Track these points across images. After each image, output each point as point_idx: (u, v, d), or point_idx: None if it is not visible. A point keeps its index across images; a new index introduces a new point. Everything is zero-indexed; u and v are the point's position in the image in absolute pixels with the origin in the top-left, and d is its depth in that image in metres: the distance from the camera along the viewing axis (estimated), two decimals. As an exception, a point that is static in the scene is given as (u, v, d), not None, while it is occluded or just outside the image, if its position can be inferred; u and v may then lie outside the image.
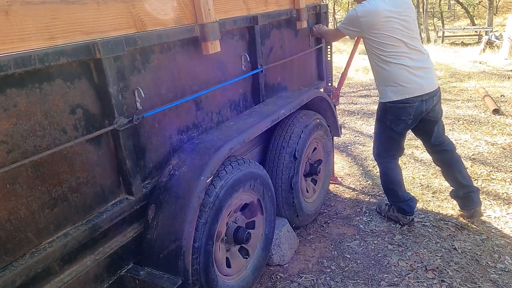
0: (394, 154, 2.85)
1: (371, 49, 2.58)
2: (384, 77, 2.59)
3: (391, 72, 2.53)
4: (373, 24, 2.46)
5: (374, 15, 2.44)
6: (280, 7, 2.69)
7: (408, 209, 2.85)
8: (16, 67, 1.19)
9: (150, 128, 1.76)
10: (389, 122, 2.66)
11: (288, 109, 2.46)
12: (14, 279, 1.25)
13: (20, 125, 1.26)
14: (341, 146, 4.55)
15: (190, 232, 1.68)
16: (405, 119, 2.60)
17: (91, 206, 1.54)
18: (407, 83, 2.51)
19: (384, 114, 2.69)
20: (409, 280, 2.39)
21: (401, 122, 2.62)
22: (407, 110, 2.57)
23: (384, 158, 2.86)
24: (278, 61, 2.71)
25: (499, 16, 24.03)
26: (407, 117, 2.59)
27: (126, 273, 1.71)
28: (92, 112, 1.49)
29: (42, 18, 1.28)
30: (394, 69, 2.51)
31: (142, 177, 1.75)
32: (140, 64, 1.67)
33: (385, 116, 2.67)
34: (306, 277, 2.49)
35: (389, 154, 2.84)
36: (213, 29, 1.92)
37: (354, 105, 6.18)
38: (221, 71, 2.19)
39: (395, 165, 2.88)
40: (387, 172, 2.88)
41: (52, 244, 1.37)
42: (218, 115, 2.23)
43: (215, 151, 1.84)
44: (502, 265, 2.45)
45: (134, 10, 1.59)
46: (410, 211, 2.86)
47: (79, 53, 1.37)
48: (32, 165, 1.31)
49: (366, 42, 2.60)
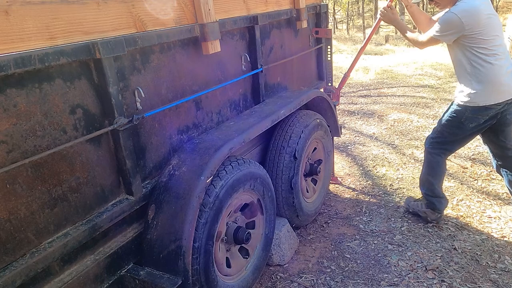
0: (449, 149, 2.77)
1: (469, 49, 2.44)
2: (478, 78, 2.45)
3: (490, 72, 2.42)
4: (476, 22, 2.36)
5: (475, 12, 2.36)
6: (280, 7, 2.69)
7: (439, 206, 2.84)
8: (16, 67, 1.19)
9: (150, 128, 1.76)
10: (464, 118, 2.55)
11: (288, 109, 2.46)
12: (14, 279, 1.25)
13: (20, 125, 1.26)
14: (341, 146, 4.55)
15: (190, 232, 1.68)
16: (481, 118, 2.51)
17: (91, 206, 1.54)
18: (501, 86, 2.43)
19: (463, 111, 2.55)
20: (409, 280, 2.39)
21: (476, 121, 2.53)
22: (488, 112, 2.48)
23: (437, 149, 2.75)
24: (278, 61, 2.71)
25: (499, 16, 24.02)
26: (484, 117, 2.51)
27: (126, 273, 1.71)
28: (92, 112, 1.49)
29: (42, 18, 1.27)
30: (493, 69, 2.41)
31: (142, 177, 1.75)
32: (140, 64, 1.66)
33: (463, 113, 2.55)
34: (306, 277, 2.49)
35: (444, 147, 2.75)
36: (213, 29, 1.92)
37: (354, 105, 6.18)
38: (221, 71, 2.19)
39: (443, 160, 2.80)
40: (434, 164, 2.79)
41: (52, 244, 1.37)
42: (218, 115, 2.23)
43: (215, 151, 1.84)
44: (502, 265, 2.45)
45: (134, 10, 1.59)
46: (439, 208, 2.85)
47: (79, 53, 1.37)
48: (32, 165, 1.31)
49: (462, 42, 2.45)
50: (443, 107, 5.62)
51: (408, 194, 3.38)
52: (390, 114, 5.56)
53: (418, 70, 8.47)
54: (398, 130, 4.90)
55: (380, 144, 4.53)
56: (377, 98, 6.51)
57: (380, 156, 4.19)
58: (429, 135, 2.83)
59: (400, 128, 4.96)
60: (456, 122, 2.61)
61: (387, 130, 4.95)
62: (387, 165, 3.96)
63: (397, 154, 4.21)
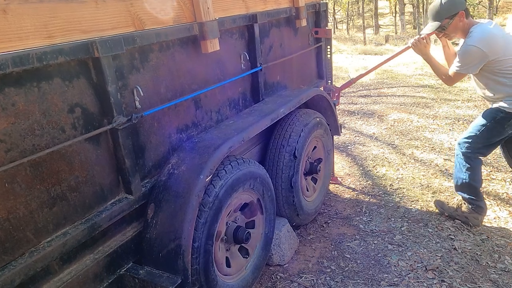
0: (484, 154, 2.75)
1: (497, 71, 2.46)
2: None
3: None
4: (497, 46, 2.37)
5: (493, 38, 2.36)
6: (279, 5, 2.69)
7: (485, 208, 2.81)
8: (14, 66, 1.18)
9: (149, 127, 1.75)
10: (507, 125, 2.55)
11: (288, 108, 2.45)
12: (13, 279, 1.24)
13: (18, 124, 1.25)
14: (341, 146, 4.54)
15: (190, 231, 1.67)
16: None
17: (90, 205, 1.53)
18: None
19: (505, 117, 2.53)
20: (409, 280, 2.38)
21: None
22: None
23: (476, 153, 2.70)
24: (277, 59, 2.71)
25: (499, 16, 24.01)
26: None
27: (126, 272, 1.71)
28: (90, 111, 1.48)
29: (40, 17, 1.27)
30: None
31: (141, 176, 1.74)
32: (138, 63, 1.66)
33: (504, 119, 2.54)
34: (306, 277, 2.49)
35: (481, 152, 2.71)
36: (212, 28, 1.91)
37: (354, 105, 6.18)
38: (220, 69, 2.19)
39: (481, 163, 2.77)
40: (476, 168, 2.72)
41: (51, 243, 1.37)
42: (218, 114, 2.22)
43: (214, 150, 1.84)
44: (502, 265, 2.44)
45: (133, 9, 1.59)
46: (485, 211, 2.81)
47: (77, 51, 1.37)
48: (31, 164, 1.30)
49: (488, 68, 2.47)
50: (443, 107, 5.62)
51: (408, 194, 3.37)
52: (390, 114, 5.55)
53: (418, 70, 8.47)
54: (398, 130, 4.89)
55: (380, 144, 4.53)
56: (377, 98, 6.51)
57: (380, 156, 4.18)
58: (462, 140, 2.73)
59: (400, 128, 4.96)
60: (499, 128, 2.58)
61: (387, 130, 4.95)
62: (387, 165, 3.95)
63: (397, 154, 4.20)
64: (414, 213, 3.07)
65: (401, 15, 24.16)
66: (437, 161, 3.90)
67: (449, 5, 2.44)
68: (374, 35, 24.60)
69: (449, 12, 2.46)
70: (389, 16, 32.93)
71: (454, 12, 2.45)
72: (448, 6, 2.44)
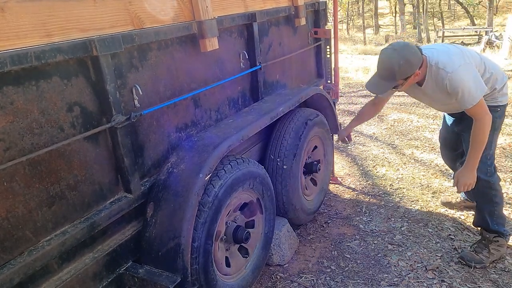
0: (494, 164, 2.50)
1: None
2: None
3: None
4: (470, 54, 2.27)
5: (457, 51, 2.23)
6: (278, 4, 2.69)
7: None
8: (12, 65, 1.18)
9: (148, 125, 1.75)
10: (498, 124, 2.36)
11: (287, 107, 2.45)
12: (12, 277, 1.24)
13: (17, 123, 1.25)
14: (341, 146, 4.54)
15: (189, 230, 1.67)
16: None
17: (89, 204, 1.53)
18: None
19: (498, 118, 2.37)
20: (409, 280, 2.38)
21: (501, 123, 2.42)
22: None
23: (495, 173, 2.44)
24: (276, 58, 2.70)
25: (499, 16, 24.02)
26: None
27: (125, 271, 1.70)
28: (89, 109, 1.48)
29: (38, 15, 1.27)
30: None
31: (141, 175, 1.74)
32: (137, 62, 1.66)
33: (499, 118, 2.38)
34: (306, 277, 2.48)
35: (493, 165, 2.45)
36: (211, 26, 1.91)
37: (354, 105, 6.17)
38: (219, 68, 2.18)
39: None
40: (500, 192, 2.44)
41: (50, 242, 1.36)
42: (217, 112, 2.22)
43: (213, 149, 1.83)
44: (502, 265, 2.44)
45: (131, 7, 1.59)
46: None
47: (76, 50, 1.37)
48: (30, 163, 1.30)
49: None
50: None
51: (408, 194, 3.37)
52: (390, 114, 5.55)
53: (418, 70, 8.45)
54: (398, 130, 4.89)
55: (380, 144, 4.53)
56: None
57: (380, 156, 4.18)
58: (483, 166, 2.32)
59: (400, 128, 4.95)
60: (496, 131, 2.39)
61: (387, 130, 4.95)
62: (387, 165, 3.95)
63: (397, 154, 4.20)
64: (414, 213, 3.07)
65: (401, 15, 24.18)
66: (437, 161, 3.89)
67: (406, 68, 2.07)
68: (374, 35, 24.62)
69: (405, 75, 2.10)
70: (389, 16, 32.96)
71: (410, 74, 2.10)
72: (405, 69, 2.07)
